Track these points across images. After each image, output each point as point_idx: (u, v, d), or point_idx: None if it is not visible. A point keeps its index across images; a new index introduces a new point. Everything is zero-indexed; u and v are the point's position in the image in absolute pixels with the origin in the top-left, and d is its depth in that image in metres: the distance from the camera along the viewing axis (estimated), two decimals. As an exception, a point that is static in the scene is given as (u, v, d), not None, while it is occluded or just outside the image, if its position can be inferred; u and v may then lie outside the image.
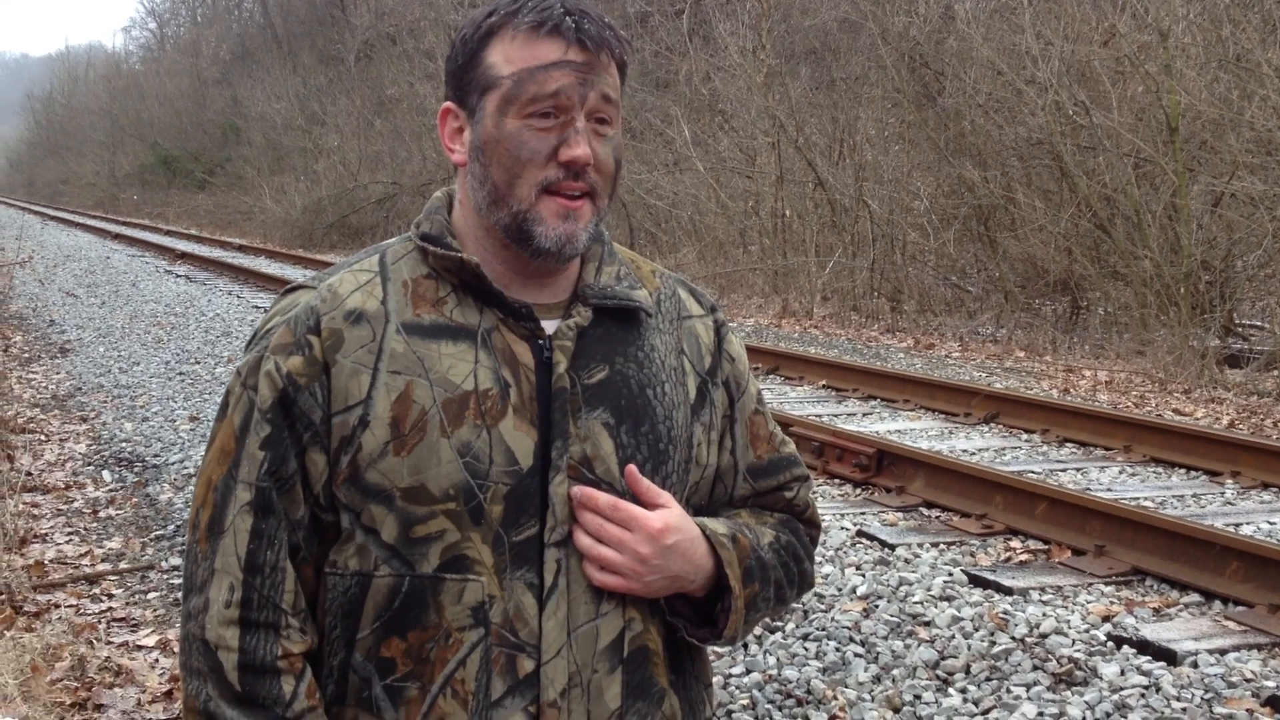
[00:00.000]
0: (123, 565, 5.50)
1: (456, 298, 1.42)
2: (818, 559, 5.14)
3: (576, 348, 1.42)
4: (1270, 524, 5.71)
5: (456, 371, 1.38)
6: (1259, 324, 12.10)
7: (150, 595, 5.11)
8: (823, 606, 4.58)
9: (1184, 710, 3.72)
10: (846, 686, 4.00)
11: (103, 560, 5.59)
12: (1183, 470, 6.83)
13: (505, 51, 1.38)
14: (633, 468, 1.41)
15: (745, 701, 3.92)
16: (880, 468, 6.43)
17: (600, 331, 1.44)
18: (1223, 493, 6.33)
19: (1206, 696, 3.80)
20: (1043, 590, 4.76)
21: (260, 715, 1.36)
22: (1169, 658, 4.05)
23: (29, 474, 7.05)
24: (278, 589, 1.38)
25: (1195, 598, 4.70)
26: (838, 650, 4.22)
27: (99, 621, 4.78)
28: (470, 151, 1.41)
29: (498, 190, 1.39)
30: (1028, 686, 3.90)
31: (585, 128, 1.37)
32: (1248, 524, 5.69)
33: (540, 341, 1.41)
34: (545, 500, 1.38)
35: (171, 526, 6.02)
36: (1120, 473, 6.79)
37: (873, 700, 3.90)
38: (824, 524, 5.67)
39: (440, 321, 1.40)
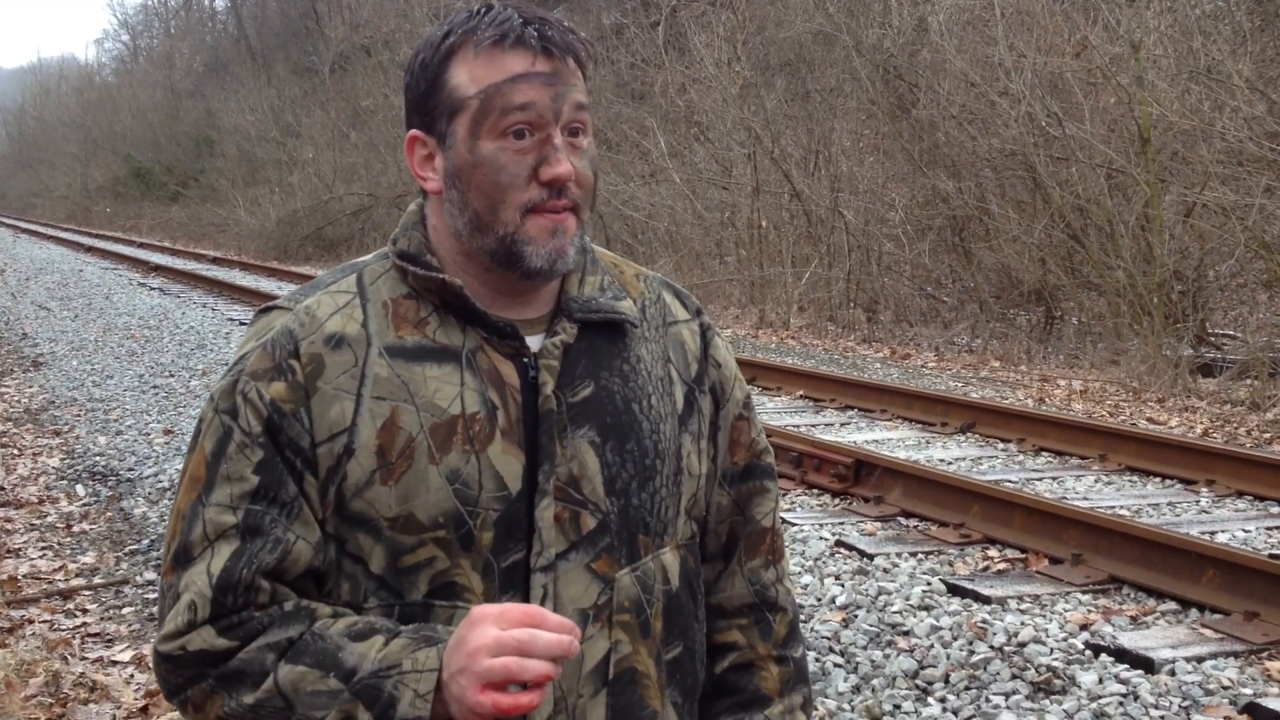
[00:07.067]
0: (97, 580, 5.46)
1: (439, 318, 1.37)
2: (796, 569, 5.14)
3: (562, 366, 1.38)
4: (1245, 532, 5.75)
5: (443, 395, 1.34)
6: (1231, 333, 12.19)
7: (125, 610, 5.07)
8: (802, 616, 4.58)
9: (1162, 718, 3.74)
10: (826, 697, 4.00)
11: (77, 575, 5.54)
12: (1158, 479, 6.87)
13: (469, 70, 1.33)
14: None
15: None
16: (858, 478, 6.45)
17: (585, 346, 1.40)
18: (1198, 501, 6.36)
19: (1184, 704, 3.82)
20: (1021, 599, 4.77)
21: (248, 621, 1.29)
22: (1146, 666, 4.07)
23: (1, 489, 7.00)
24: (251, 599, 1.30)
25: (1172, 606, 4.73)
26: (817, 660, 4.22)
27: (73, 637, 4.74)
28: (446, 179, 1.36)
29: (480, 217, 1.34)
30: (1007, 695, 3.92)
31: (562, 143, 1.33)
32: (1223, 532, 5.73)
33: (525, 360, 1.37)
34: (532, 524, 1.34)
35: (146, 541, 5.97)
36: (1096, 481, 6.82)
37: (852, 710, 3.90)
38: (803, 535, 5.67)
39: (423, 343, 1.35)
